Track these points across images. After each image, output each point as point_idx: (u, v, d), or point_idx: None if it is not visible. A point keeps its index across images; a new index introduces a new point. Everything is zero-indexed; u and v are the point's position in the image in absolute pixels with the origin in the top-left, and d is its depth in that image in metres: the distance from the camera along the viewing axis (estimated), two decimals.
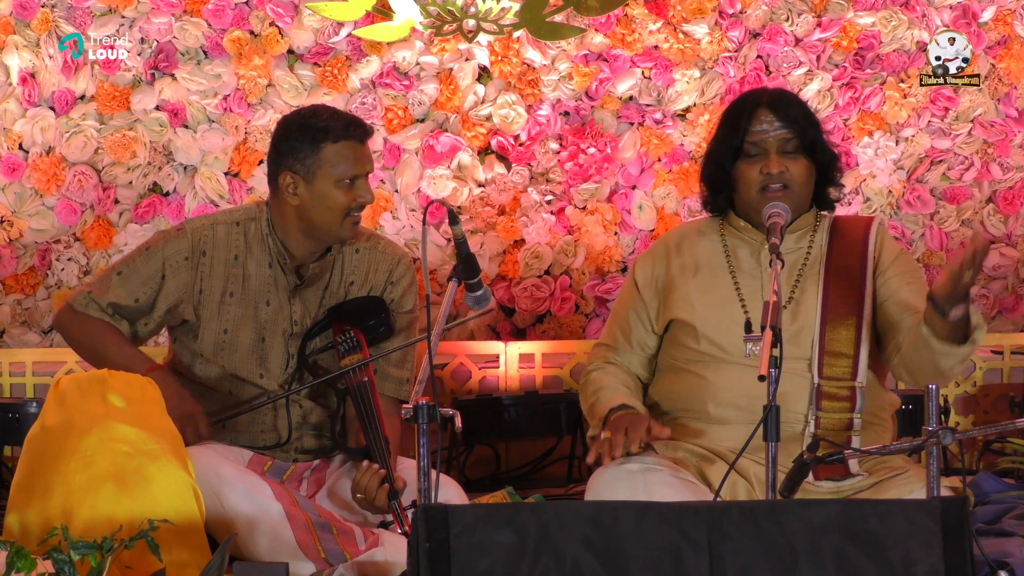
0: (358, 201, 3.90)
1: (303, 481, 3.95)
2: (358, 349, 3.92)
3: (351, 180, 3.88)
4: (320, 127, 3.89)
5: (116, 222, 5.48)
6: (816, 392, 3.72)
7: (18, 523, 3.44)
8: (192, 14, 5.46)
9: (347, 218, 3.90)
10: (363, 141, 3.92)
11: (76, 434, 3.44)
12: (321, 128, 3.89)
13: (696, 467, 3.70)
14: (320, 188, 3.88)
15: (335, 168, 3.88)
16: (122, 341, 3.95)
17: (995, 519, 4.12)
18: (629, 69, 5.56)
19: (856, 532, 2.75)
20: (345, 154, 3.88)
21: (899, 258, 3.88)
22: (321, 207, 3.89)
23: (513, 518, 2.75)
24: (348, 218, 3.90)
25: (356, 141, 3.90)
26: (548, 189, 5.56)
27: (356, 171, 3.89)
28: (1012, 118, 5.65)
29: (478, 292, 3.58)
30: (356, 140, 3.90)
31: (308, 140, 3.89)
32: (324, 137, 3.88)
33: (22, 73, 5.45)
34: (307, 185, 3.89)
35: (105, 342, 3.95)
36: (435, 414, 3.17)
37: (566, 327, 5.56)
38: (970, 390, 5.37)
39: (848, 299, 3.79)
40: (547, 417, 5.14)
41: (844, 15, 5.58)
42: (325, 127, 3.88)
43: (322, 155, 3.88)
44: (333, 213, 3.89)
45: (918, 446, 3.17)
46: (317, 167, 3.88)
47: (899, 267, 3.85)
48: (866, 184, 5.61)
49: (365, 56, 5.50)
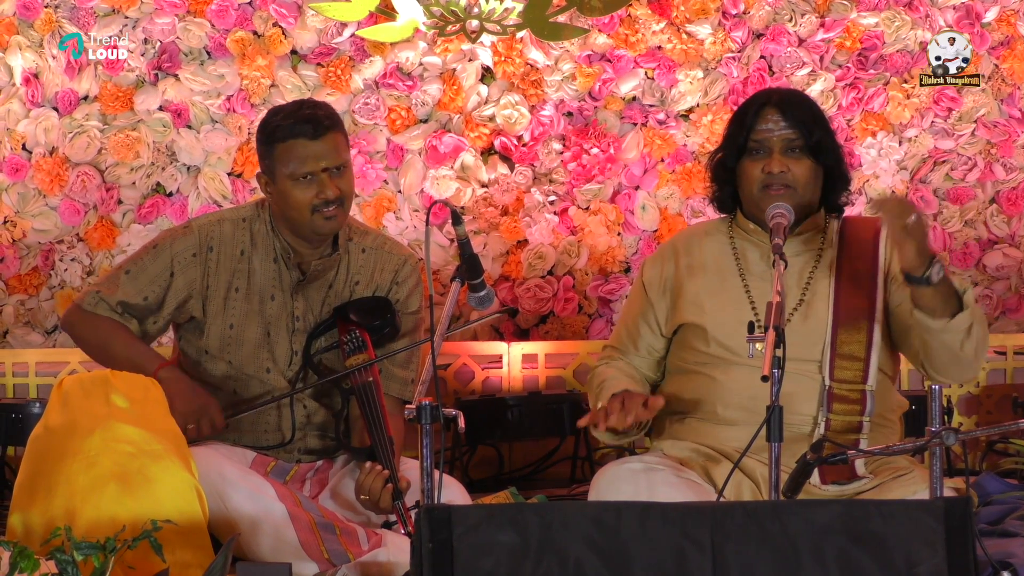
0: (320, 197, 3.87)
1: (306, 482, 3.95)
2: (363, 349, 3.92)
3: (306, 177, 3.87)
4: (272, 127, 3.90)
5: (119, 222, 5.48)
6: (827, 394, 3.71)
7: (21, 523, 3.44)
8: (195, 14, 5.46)
9: (315, 214, 3.88)
10: (315, 137, 3.86)
11: (79, 434, 3.45)
12: (272, 129, 3.90)
13: (702, 467, 3.70)
14: (282, 187, 3.89)
15: (286, 167, 3.87)
16: (131, 339, 3.95)
17: (998, 520, 4.12)
18: (632, 69, 5.56)
19: (859, 533, 2.75)
20: (295, 152, 3.86)
21: None
22: (287, 205, 3.90)
23: (516, 518, 2.75)
24: (316, 214, 3.88)
25: (304, 138, 3.86)
26: (551, 190, 5.56)
27: (308, 168, 3.86)
28: (1015, 119, 5.64)
29: (481, 292, 3.58)
30: (304, 137, 3.86)
31: (264, 141, 3.92)
32: (273, 137, 3.89)
33: (25, 73, 5.46)
34: (273, 184, 3.92)
35: (114, 340, 3.94)
36: (438, 415, 3.17)
37: (569, 328, 5.56)
38: (973, 391, 5.37)
39: (860, 302, 3.78)
40: (550, 418, 5.13)
41: (847, 15, 5.58)
42: (275, 126, 3.89)
43: (275, 155, 3.89)
44: (299, 211, 3.89)
45: (921, 447, 3.17)
46: (274, 167, 3.89)
47: None
48: (869, 184, 5.61)
49: (368, 56, 5.50)
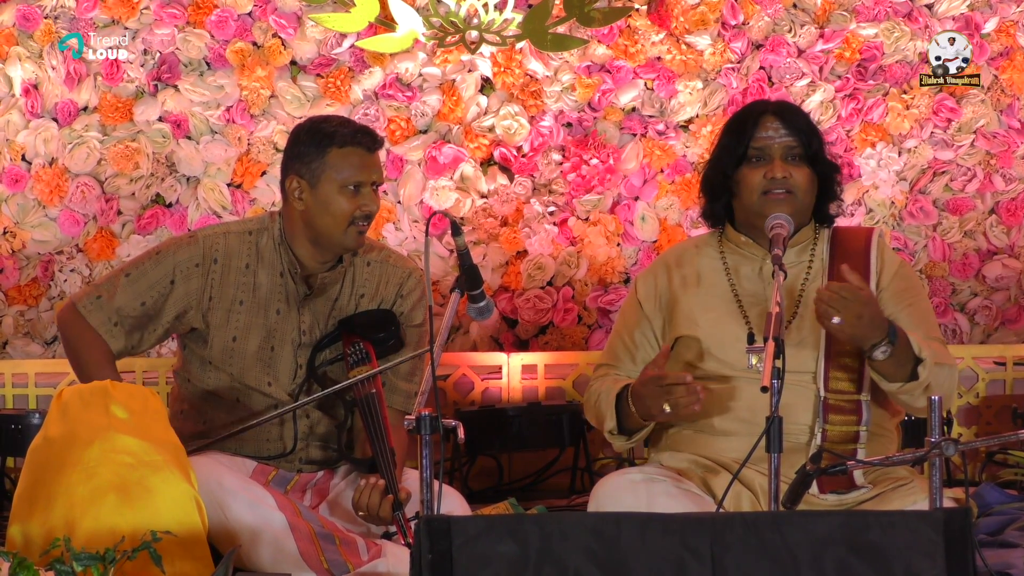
0: (362, 210, 3.88)
1: (307, 492, 3.94)
2: (367, 361, 3.91)
3: (355, 187, 3.87)
4: (328, 132, 3.89)
5: (119, 233, 5.48)
6: (823, 405, 3.71)
7: (21, 534, 3.43)
8: (195, 25, 5.47)
9: (351, 227, 3.89)
10: (371, 150, 3.90)
11: (79, 445, 3.44)
12: (329, 133, 3.89)
13: (701, 478, 3.70)
14: (324, 193, 3.87)
15: (339, 173, 3.87)
16: (103, 361, 3.90)
17: (998, 530, 4.12)
18: (632, 80, 5.57)
19: (859, 543, 2.75)
20: (350, 159, 3.87)
21: (899, 273, 3.87)
22: (324, 213, 3.88)
23: (515, 529, 2.75)
24: (352, 227, 3.89)
25: (363, 148, 3.89)
26: (551, 200, 5.56)
27: (360, 178, 3.88)
28: (1015, 129, 5.65)
29: (481, 303, 3.58)
30: (363, 147, 3.89)
31: (315, 144, 3.89)
32: (330, 141, 3.88)
33: (25, 84, 5.46)
34: (312, 190, 3.88)
35: (89, 355, 3.91)
36: (437, 425, 3.16)
37: (568, 338, 5.56)
38: (973, 401, 5.37)
39: None
40: (550, 428, 5.13)
41: (847, 26, 5.58)
42: (333, 132, 3.89)
43: (327, 159, 3.87)
44: (336, 220, 3.88)
45: (921, 457, 3.17)
46: (322, 171, 3.87)
47: (899, 284, 3.85)
48: (869, 195, 5.62)
49: (368, 67, 5.50)
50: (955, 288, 5.70)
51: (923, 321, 3.83)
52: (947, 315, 5.67)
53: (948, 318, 5.67)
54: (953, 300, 5.70)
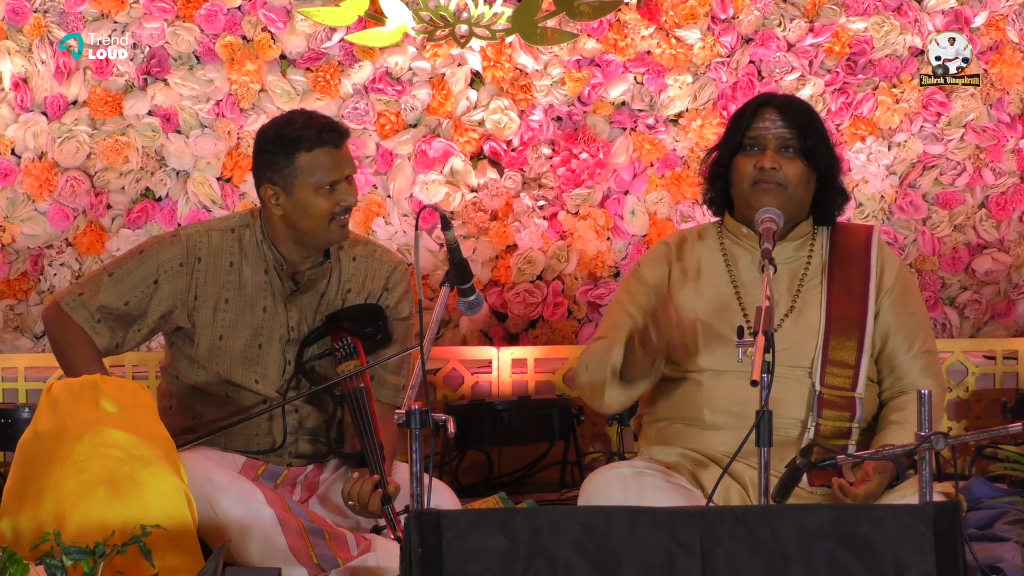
0: (341, 205, 3.88)
1: (296, 486, 3.95)
2: (355, 356, 3.92)
3: (330, 186, 3.86)
4: (292, 137, 3.86)
5: (108, 227, 5.47)
6: (818, 399, 3.72)
7: (10, 528, 3.43)
8: (184, 19, 5.46)
9: (332, 222, 3.88)
10: (339, 146, 3.88)
11: (68, 439, 3.44)
12: (294, 138, 3.86)
13: (690, 471, 3.71)
14: (300, 197, 3.86)
15: (311, 176, 3.85)
16: (90, 356, 3.90)
17: (988, 524, 4.13)
18: (621, 74, 5.56)
19: (848, 537, 2.76)
20: (320, 161, 3.86)
21: (899, 276, 3.89)
22: (305, 216, 3.88)
23: (506, 523, 2.75)
24: (334, 222, 3.89)
25: (330, 147, 3.87)
26: (540, 194, 5.56)
27: (334, 176, 3.86)
28: (1004, 123, 5.65)
29: (471, 297, 3.59)
30: (330, 145, 3.87)
31: (282, 151, 3.86)
32: (297, 147, 3.85)
33: (14, 78, 5.45)
34: (287, 196, 3.87)
35: (76, 351, 3.90)
36: (427, 419, 3.17)
37: (559, 332, 5.56)
38: (962, 395, 5.37)
39: (851, 311, 3.80)
40: (540, 422, 5.13)
41: (836, 20, 5.58)
42: (297, 136, 3.85)
43: (297, 165, 3.85)
44: (317, 220, 3.88)
45: (910, 451, 3.18)
46: (294, 177, 3.86)
47: (900, 290, 3.86)
48: (858, 189, 5.62)
49: (357, 61, 5.49)
50: (945, 282, 5.70)
51: (920, 330, 3.86)
52: (937, 309, 5.67)
53: (938, 312, 5.67)
54: (943, 294, 5.70)
